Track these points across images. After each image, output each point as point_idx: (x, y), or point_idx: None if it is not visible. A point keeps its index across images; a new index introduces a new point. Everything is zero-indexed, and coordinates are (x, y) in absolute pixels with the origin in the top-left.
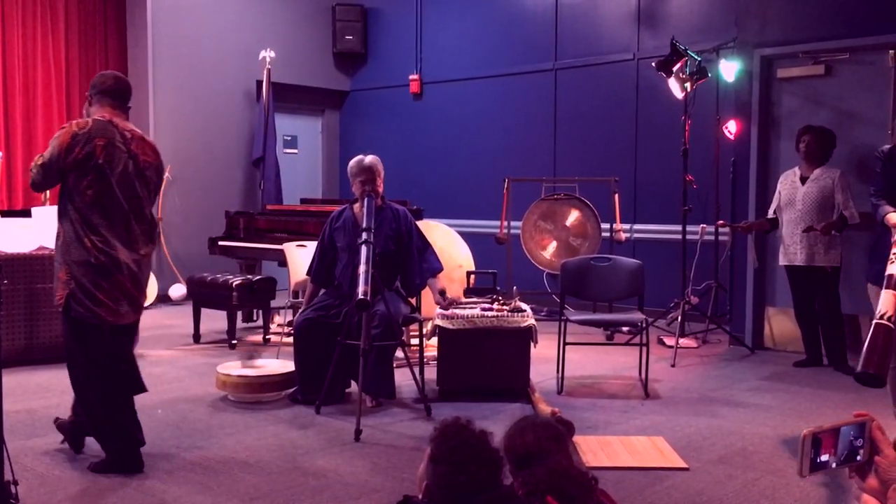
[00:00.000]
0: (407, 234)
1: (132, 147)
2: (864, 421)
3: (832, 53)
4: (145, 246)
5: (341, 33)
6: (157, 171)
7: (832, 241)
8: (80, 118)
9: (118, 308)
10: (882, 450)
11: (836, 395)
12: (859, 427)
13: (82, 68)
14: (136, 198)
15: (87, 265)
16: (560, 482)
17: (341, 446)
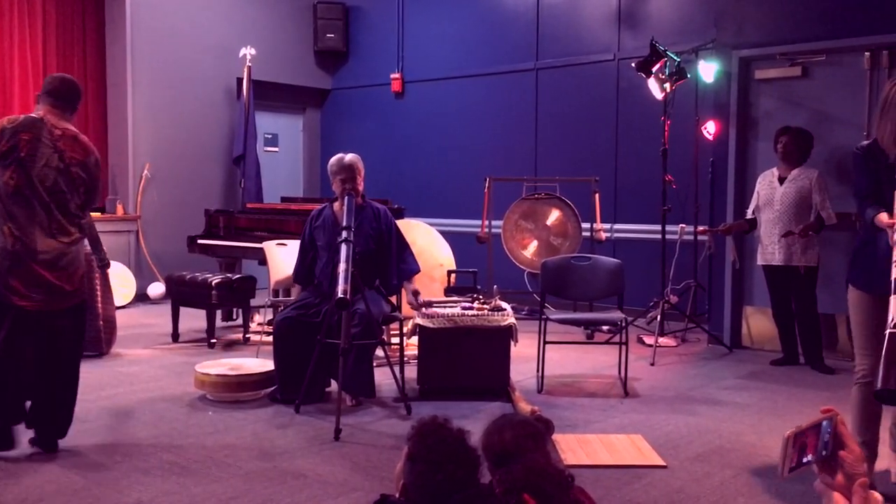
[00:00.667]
0: (387, 233)
1: (59, 144)
2: (832, 416)
3: (809, 55)
4: (69, 235)
5: (323, 31)
6: (84, 167)
7: (809, 241)
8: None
9: (30, 294)
10: (847, 444)
11: (812, 394)
12: (829, 422)
13: (60, 66)
14: (59, 192)
15: (3, 251)
16: (537, 480)
17: (321, 445)
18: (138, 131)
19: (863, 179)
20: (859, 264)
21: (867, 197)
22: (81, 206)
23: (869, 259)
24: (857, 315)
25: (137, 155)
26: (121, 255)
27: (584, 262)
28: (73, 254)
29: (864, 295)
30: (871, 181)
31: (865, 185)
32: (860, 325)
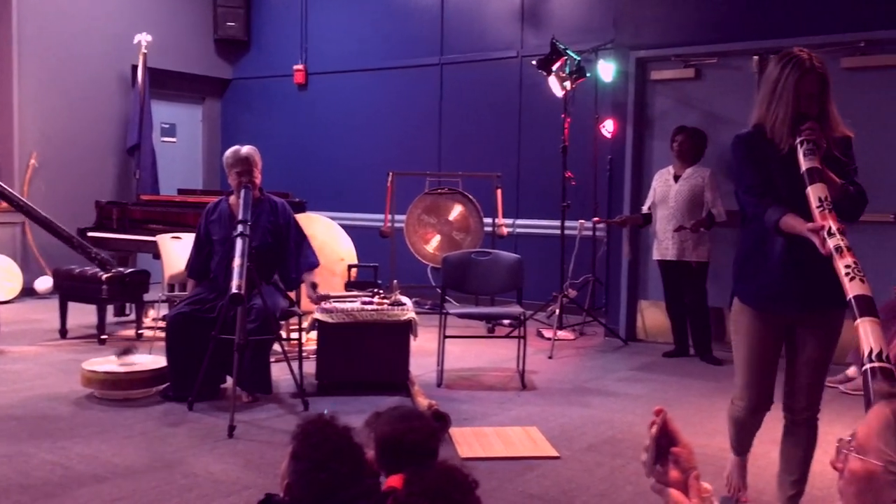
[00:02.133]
0: (286, 226)
1: None
2: (663, 415)
3: (701, 58)
4: None
5: (223, 19)
6: None
7: (701, 237)
8: None
9: None
10: (679, 441)
11: (700, 384)
12: (662, 421)
13: None
14: None
15: None
16: (447, 487)
17: (213, 443)
18: (24, 119)
19: (751, 173)
20: (749, 275)
21: (763, 194)
22: None
23: (760, 270)
24: (744, 336)
25: (24, 143)
26: (6, 248)
27: (484, 258)
28: None
29: (754, 314)
30: (763, 175)
31: (757, 180)
32: (748, 349)
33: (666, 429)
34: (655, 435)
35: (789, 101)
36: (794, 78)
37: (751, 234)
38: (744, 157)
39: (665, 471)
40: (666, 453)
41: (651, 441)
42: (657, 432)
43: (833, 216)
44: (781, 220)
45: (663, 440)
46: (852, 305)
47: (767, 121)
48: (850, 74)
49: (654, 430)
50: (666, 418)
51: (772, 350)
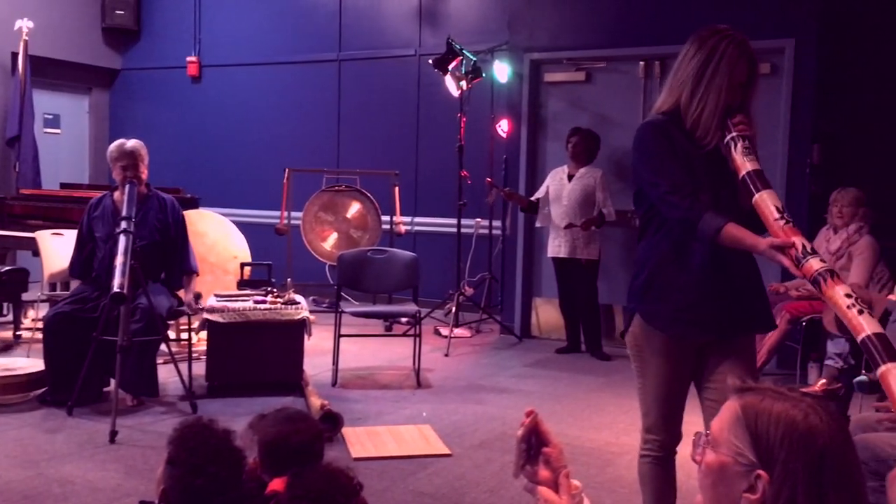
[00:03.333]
0: (174, 225)
1: None
2: (533, 417)
3: (592, 61)
4: None
5: (111, 7)
6: None
7: (591, 236)
8: None
9: None
10: (549, 441)
11: (590, 379)
12: (533, 421)
13: None
14: None
15: None
16: (329, 489)
17: (94, 449)
18: None
19: (674, 168)
20: (659, 293)
21: (692, 195)
22: None
23: (674, 287)
24: (654, 366)
25: None
26: None
27: (380, 256)
28: None
29: (665, 339)
30: (688, 172)
31: (683, 177)
32: (659, 380)
33: (537, 430)
34: (522, 436)
35: (722, 88)
36: (730, 62)
37: (661, 242)
38: (662, 149)
39: (535, 470)
40: (537, 454)
41: (518, 443)
42: (524, 433)
43: (797, 231)
44: (724, 230)
45: (535, 440)
46: (870, 346)
47: (690, 110)
48: None
49: (520, 432)
50: (537, 420)
51: (686, 380)
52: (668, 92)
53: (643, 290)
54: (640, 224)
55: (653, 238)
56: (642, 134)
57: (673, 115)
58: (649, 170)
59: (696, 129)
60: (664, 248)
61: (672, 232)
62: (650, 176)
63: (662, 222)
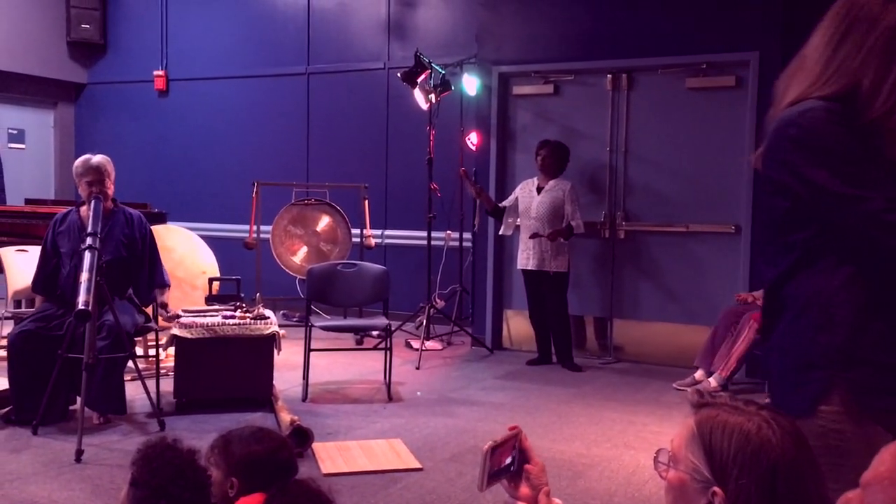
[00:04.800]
0: (141, 240)
1: None
2: (516, 433)
3: (559, 74)
4: None
5: (77, 20)
6: None
7: (560, 248)
8: None
9: None
10: (532, 458)
11: (561, 390)
12: (514, 438)
13: None
14: None
15: None
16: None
17: (59, 469)
18: None
19: (879, 176)
20: (870, 352)
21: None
22: None
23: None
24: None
25: None
26: None
27: (349, 269)
28: None
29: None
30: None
31: (876, 176)
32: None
33: (520, 446)
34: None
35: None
36: None
37: (857, 280)
38: (854, 147)
39: (516, 486)
40: (520, 470)
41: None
42: (498, 447)
43: None
44: None
45: (517, 457)
46: None
47: (880, 96)
48: (694, 94)
49: (486, 445)
50: (521, 436)
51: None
52: (826, 74)
53: (846, 350)
54: (798, 253)
55: (835, 274)
56: (815, 124)
57: (837, 101)
58: (842, 177)
59: (886, 122)
60: (867, 288)
61: (878, 265)
62: (844, 186)
63: (852, 253)
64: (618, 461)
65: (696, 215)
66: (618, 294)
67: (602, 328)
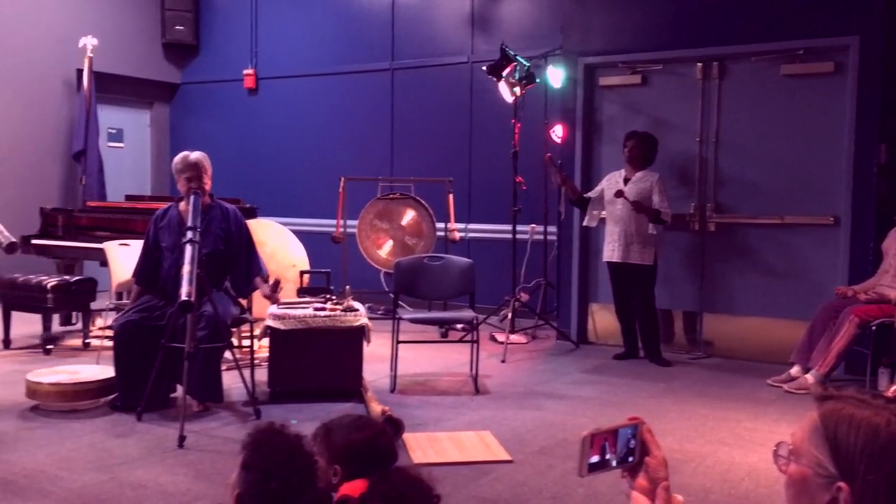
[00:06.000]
0: (237, 233)
1: None
2: (636, 423)
3: (647, 64)
4: None
5: (171, 23)
6: None
7: (647, 240)
8: None
9: None
10: (652, 451)
11: (649, 385)
12: (633, 429)
13: None
14: None
15: None
16: (410, 493)
17: (163, 454)
18: None
19: None
20: None
21: None
22: None
23: None
24: None
25: None
26: None
27: (436, 262)
28: None
29: None
30: None
31: None
32: None
33: (640, 438)
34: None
35: None
36: None
37: None
38: None
39: (634, 477)
40: (640, 463)
41: (582, 441)
42: (588, 436)
43: None
44: None
45: (638, 449)
46: None
47: None
48: (790, 81)
49: (584, 434)
50: (643, 428)
51: None
52: None
53: None
54: None
55: None
56: None
57: None
58: None
59: None
60: None
61: None
62: None
63: None
64: (712, 457)
65: (791, 206)
66: (708, 288)
67: (691, 322)
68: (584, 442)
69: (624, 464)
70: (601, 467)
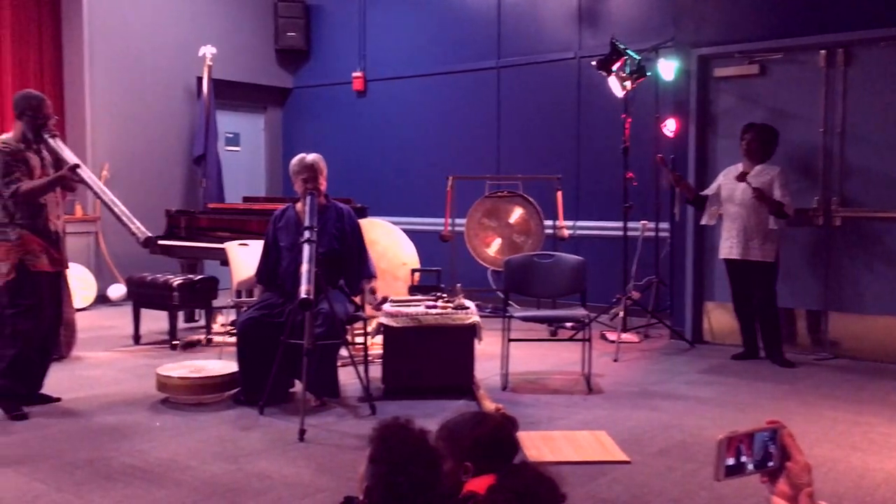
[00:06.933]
0: (351, 233)
1: None
2: (776, 427)
3: (766, 53)
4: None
5: (283, 29)
6: None
7: (768, 235)
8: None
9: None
10: (793, 455)
11: (772, 387)
12: (772, 433)
13: (16, 64)
14: None
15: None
16: (539, 489)
17: (285, 447)
18: (97, 131)
19: None
20: None
21: None
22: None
23: None
24: None
25: (96, 155)
26: (80, 257)
27: (546, 260)
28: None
29: None
30: None
31: None
32: None
33: (780, 442)
34: (722, 440)
35: None
36: None
37: None
38: None
39: (774, 482)
40: (781, 467)
41: (719, 444)
42: (724, 439)
43: None
44: None
45: (778, 453)
46: None
47: None
48: None
49: (721, 437)
50: (784, 432)
51: None
52: None
53: None
54: None
55: None
56: None
57: None
58: None
59: None
60: None
61: None
62: None
63: None
64: (844, 462)
65: None
66: (834, 285)
67: (815, 322)
68: (720, 445)
69: (762, 469)
70: (738, 471)
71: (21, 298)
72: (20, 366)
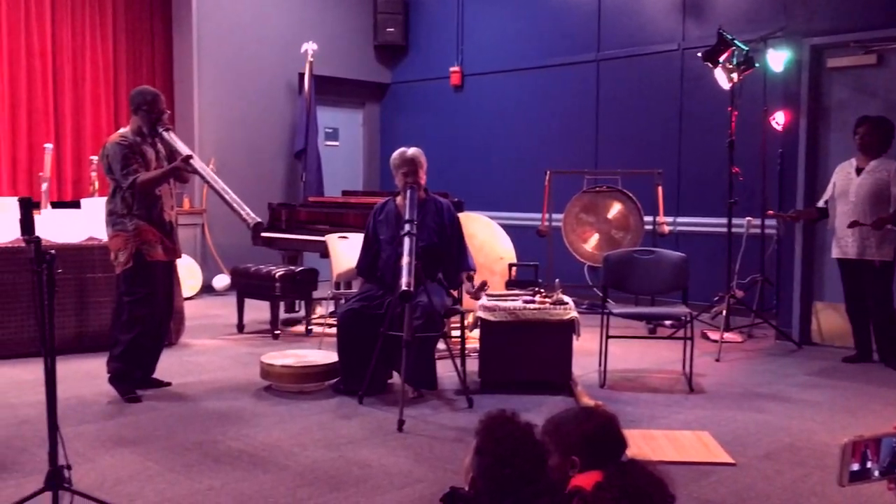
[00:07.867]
0: (450, 226)
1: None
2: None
3: (884, 43)
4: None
5: (382, 25)
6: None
7: (885, 234)
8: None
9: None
10: None
11: (887, 392)
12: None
13: (129, 62)
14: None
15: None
16: (648, 488)
17: (384, 436)
18: (204, 126)
19: None
20: None
21: None
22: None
23: None
24: None
25: (203, 149)
26: (187, 248)
27: (647, 256)
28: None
29: None
30: None
31: None
32: None
33: None
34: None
35: None
36: None
37: None
38: None
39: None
40: None
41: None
42: (849, 444)
43: None
44: None
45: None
46: None
47: None
48: None
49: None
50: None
51: None
52: None
53: None
54: None
55: None
56: None
57: None
58: None
59: None
60: None
61: None
62: None
63: None
64: None
65: None
66: None
67: None
68: (844, 449)
69: (890, 475)
70: (863, 477)
71: (137, 286)
72: (135, 351)
